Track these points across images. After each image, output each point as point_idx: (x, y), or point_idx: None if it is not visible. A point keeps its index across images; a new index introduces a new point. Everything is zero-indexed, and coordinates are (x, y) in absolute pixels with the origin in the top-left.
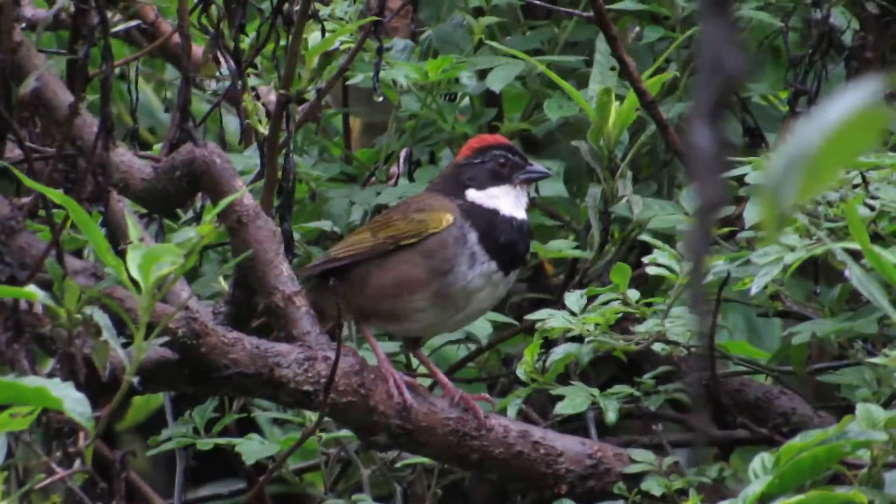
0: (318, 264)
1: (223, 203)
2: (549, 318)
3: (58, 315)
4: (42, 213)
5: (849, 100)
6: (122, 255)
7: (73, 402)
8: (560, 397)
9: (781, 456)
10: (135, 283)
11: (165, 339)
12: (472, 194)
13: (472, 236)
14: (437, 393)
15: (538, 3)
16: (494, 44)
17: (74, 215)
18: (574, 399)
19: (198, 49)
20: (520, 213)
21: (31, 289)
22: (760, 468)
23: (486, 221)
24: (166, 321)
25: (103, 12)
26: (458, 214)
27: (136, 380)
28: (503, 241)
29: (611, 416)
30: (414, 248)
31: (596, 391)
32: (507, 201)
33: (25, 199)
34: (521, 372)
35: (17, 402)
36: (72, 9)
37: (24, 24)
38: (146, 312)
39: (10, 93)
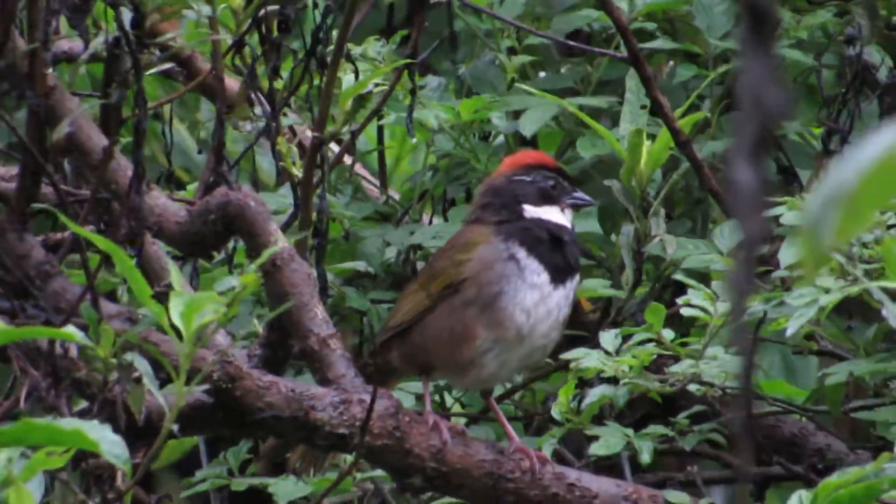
0: (381, 338)
1: (266, 254)
2: (584, 358)
3: (93, 359)
4: (77, 256)
5: (885, 138)
6: (157, 298)
7: (109, 444)
8: (595, 437)
9: (819, 494)
10: (176, 330)
11: (206, 386)
12: (529, 210)
13: (521, 252)
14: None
15: (571, 42)
16: (525, 86)
17: (116, 258)
18: (609, 440)
19: (232, 83)
20: (563, 221)
21: (69, 329)
22: None
23: (537, 233)
24: (206, 369)
25: (136, 56)
26: (497, 236)
27: (175, 427)
28: (556, 246)
29: (645, 458)
30: (464, 286)
31: (630, 432)
32: (556, 218)
33: (59, 235)
34: (555, 412)
35: (54, 444)
36: (104, 53)
37: (56, 62)
38: (187, 360)
39: (45, 136)
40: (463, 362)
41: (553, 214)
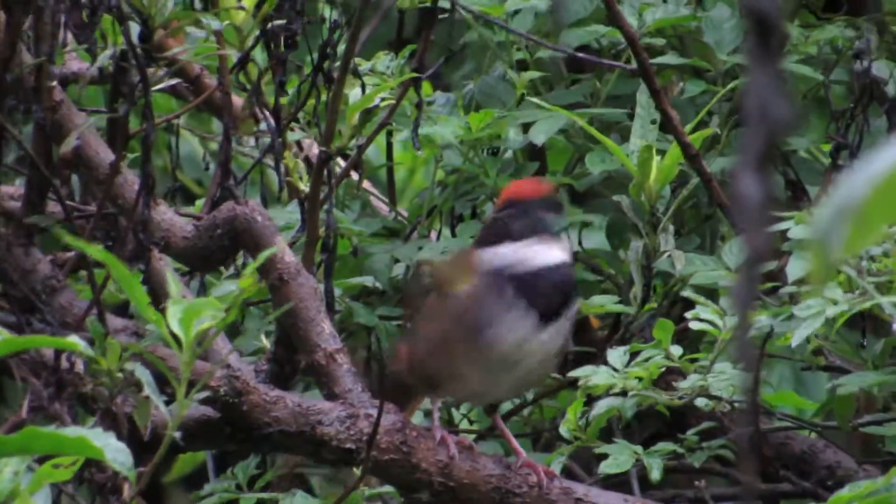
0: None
1: (262, 256)
2: (593, 375)
3: (99, 373)
4: (83, 270)
5: (893, 152)
6: (164, 313)
7: (114, 451)
8: (604, 455)
9: None
10: (175, 338)
11: (206, 394)
12: (503, 248)
13: (508, 289)
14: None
15: (582, 56)
16: (536, 100)
17: (114, 271)
18: (618, 457)
19: (239, 102)
20: (554, 259)
21: (73, 339)
22: None
23: (519, 273)
24: (207, 377)
25: (144, 71)
26: (488, 269)
27: (178, 434)
28: (538, 290)
29: (655, 475)
30: (446, 306)
31: (640, 449)
32: (538, 250)
33: (68, 254)
34: (564, 430)
35: (58, 452)
36: (112, 67)
37: (64, 82)
38: (187, 367)
39: (51, 151)
40: (453, 376)
41: (529, 247)
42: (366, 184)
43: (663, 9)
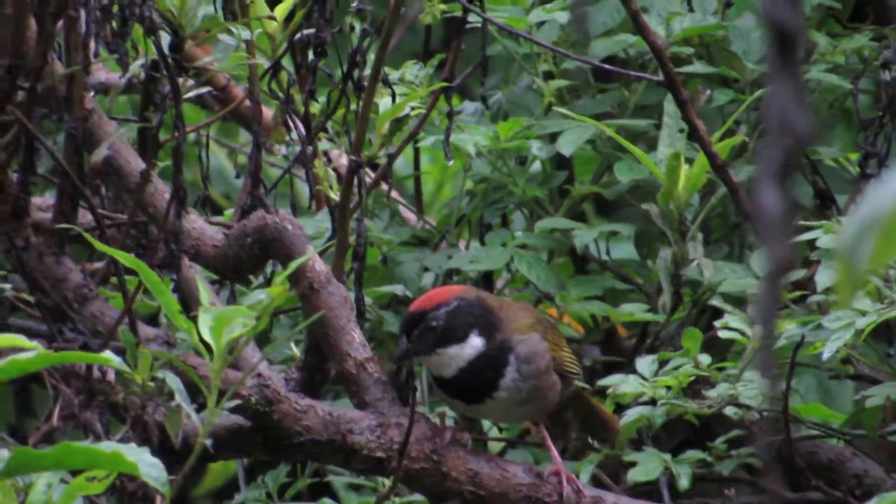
0: None
1: (293, 265)
2: (622, 384)
3: (131, 382)
4: (115, 280)
5: None
6: (194, 321)
7: (148, 466)
8: (632, 463)
9: None
10: (206, 346)
11: (237, 402)
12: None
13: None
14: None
15: (607, 67)
16: (563, 110)
17: (145, 278)
18: (647, 465)
19: (268, 112)
20: (449, 372)
21: (107, 354)
22: None
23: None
24: (238, 385)
25: (174, 80)
26: None
27: (209, 442)
28: (450, 392)
29: (683, 483)
30: None
31: (668, 457)
32: (439, 362)
33: (98, 265)
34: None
35: (93, 466)
36: (143, 76)
37: (93, 92)
38: (218, 375)
39: (83, 160)
40: None
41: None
42: (393, 193)
43: (690, 18)
